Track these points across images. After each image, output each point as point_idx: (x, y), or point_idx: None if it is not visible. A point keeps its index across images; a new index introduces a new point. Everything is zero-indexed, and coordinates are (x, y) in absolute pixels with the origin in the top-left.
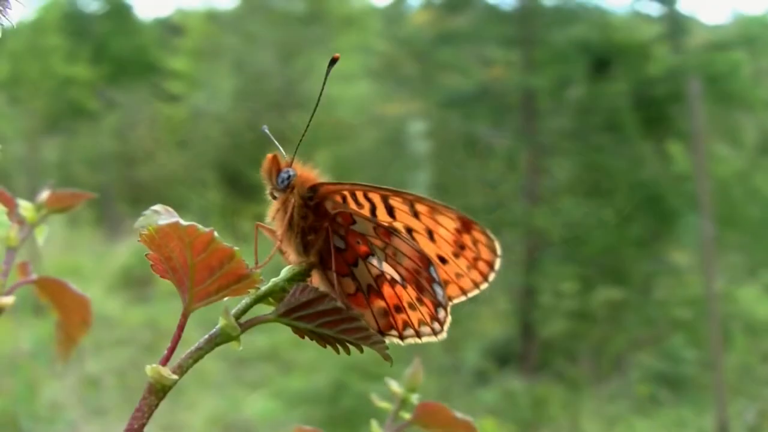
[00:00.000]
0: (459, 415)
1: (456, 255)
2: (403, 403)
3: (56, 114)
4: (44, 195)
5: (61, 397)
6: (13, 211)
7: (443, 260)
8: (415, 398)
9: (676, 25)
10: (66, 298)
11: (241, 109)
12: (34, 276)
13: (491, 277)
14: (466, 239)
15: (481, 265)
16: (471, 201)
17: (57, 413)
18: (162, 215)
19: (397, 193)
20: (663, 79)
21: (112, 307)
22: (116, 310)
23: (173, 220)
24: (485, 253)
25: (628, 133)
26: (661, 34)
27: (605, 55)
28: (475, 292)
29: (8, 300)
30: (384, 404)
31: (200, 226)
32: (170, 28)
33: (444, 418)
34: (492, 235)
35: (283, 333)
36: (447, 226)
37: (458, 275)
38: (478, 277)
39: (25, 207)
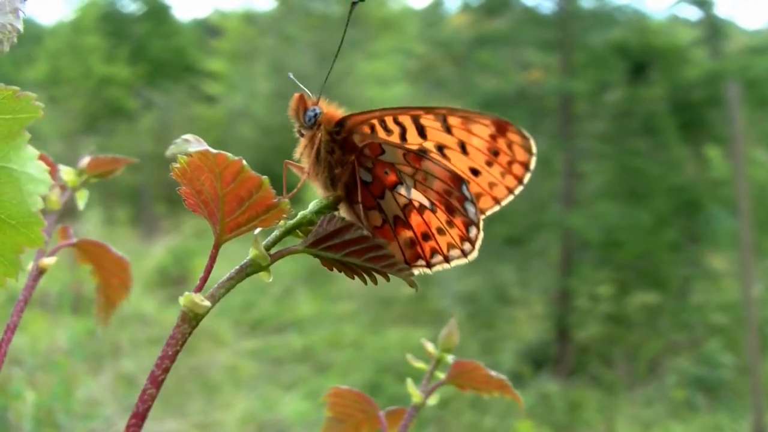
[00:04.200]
0: (493, 373)
1: (489, 163)
2: (438, 363)
3: (94, 114)
4: (85, 160)
5: (97, 393)
6: (54, 176)
7: (476, 172)
8: (450, 358)
9: (714, 30)
10: (106, 260)
11: (277, 111)
12: (74, 239)
13: (526, 178)
14: (501, 143)
15: (516, 168)
16: (507, 204)
17: (93, 410)
18: (192, 143)
19: (429, 110)
20: (701, 83)
21: (148, 306)
22: (152, 308)
23: (203, 147)
24: (520, 154)
25: (666, 137)
26: (699, 39)
27: (643, 59)
28: (509, 198)
29: (50, 260)
30: (420, 365)
31: (229, 155)
32: (208, 30)
33: (479, 376)
34: (527, 134)
35: (318, 333)
36: (481, 134)
37: (491, 185)
38: (512, 183)
39: (66, 171)
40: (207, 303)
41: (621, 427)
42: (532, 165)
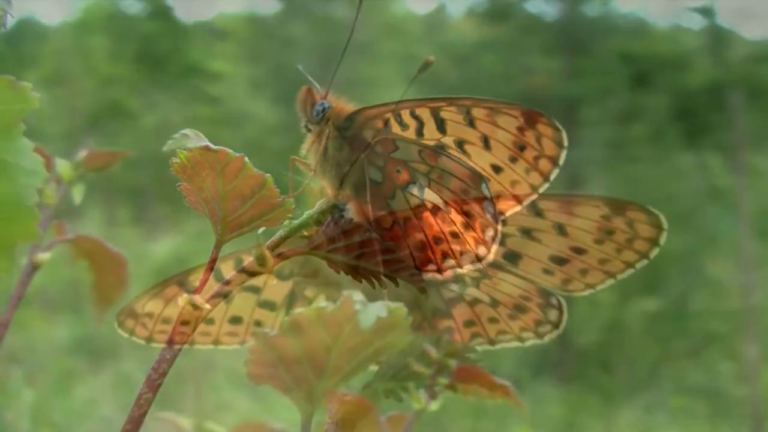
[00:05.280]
0: (498, 379)
1: (513, 159)
2: (441, 368)
3: (98, 113)
4: (82, 154)
5: (96, 393)
6: (50, 170)
7: (498, 169)
8: (453, 363)
9: (717, 38)
10: (102, 257)
11: (281, 113)
12: (70, 235)
13: (553, 175)
14: (529, 137)
15: (543, 164)
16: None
17: (92, 409)
18: (191, 138)
19: (451, 102)
20: (704, 91)
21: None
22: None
23: (203, 143)
24: (549, 148)
25: (668, 144)
26: (703, 47)
27: (646, 66)
28: (532, 197)
29: (45, 256)
30: (421, 369)
31: (231, 151)
32: (212, 31)
33: (483, 383)
34: (559, 126)
35: None
36: (507, 127)
37: (514, 182)
38: (537, 180)
39: (62, 165)
40: (207, 305)
41: None
42: (561, 160)
